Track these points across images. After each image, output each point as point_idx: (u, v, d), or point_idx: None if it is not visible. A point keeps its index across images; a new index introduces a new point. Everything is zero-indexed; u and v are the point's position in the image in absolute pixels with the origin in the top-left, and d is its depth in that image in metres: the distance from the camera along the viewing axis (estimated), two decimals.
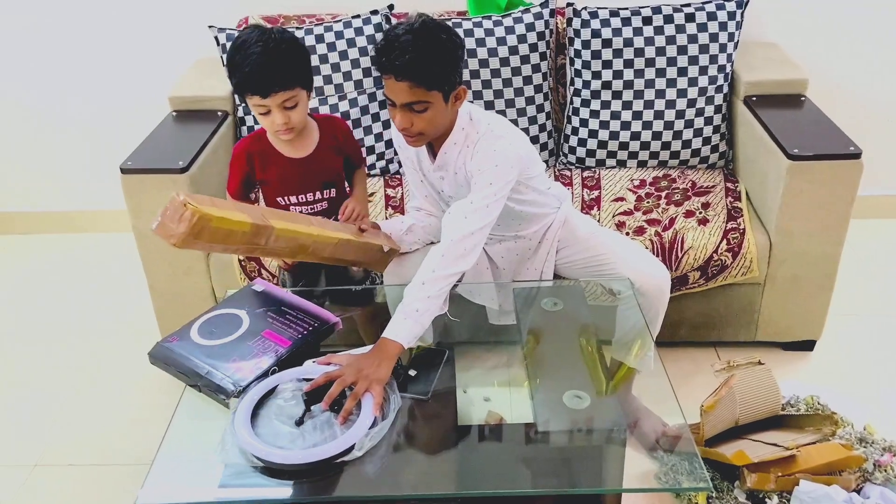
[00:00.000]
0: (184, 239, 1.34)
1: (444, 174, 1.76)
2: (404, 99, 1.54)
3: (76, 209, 3.02)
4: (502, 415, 1.73)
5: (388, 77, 1.53)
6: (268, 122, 1.63)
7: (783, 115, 2.19)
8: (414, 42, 1.50)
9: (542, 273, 1.93)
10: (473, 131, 1.68)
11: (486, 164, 1.63)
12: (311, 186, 1.77)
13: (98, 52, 2.72)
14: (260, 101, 1.58)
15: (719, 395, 1.69)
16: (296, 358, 1.52)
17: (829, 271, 2.10)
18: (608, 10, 2.29)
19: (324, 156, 1.77)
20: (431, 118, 1.58)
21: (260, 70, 1.54)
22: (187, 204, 1.32)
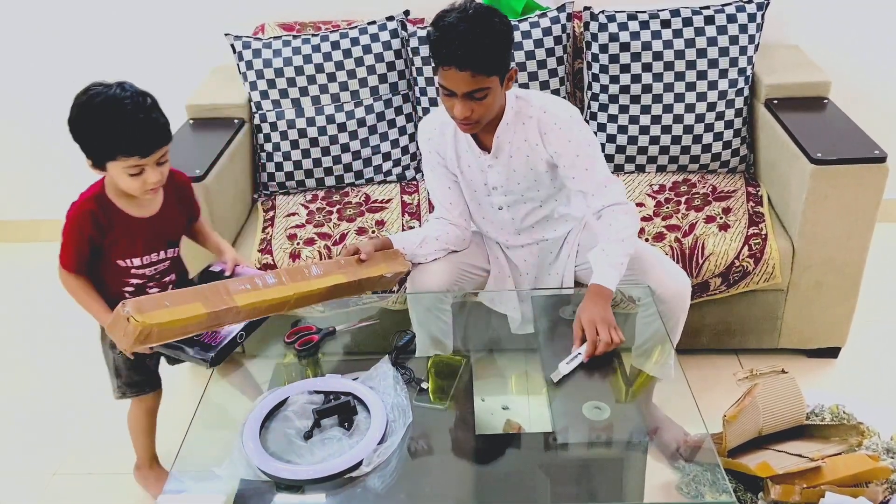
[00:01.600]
0: (131, 346, 1.37)
1: (494, 162, 1.75)
2: (466, 88, 1.54)
3: None
4: (521, 424, 1.71)
5: (448, 68, 1.53)
6: (137, 183, 1.49)
7: (806, 119, 2.16)
8: (472, 30, 1.50)
9: (563, 278, 1.91)
10: (526, 107, 1.70)
11: (571, 129, 1.69)
12: (156, 246, 1.65)
13: (115, 60, 2.74)
14: (137, 162, 1.46)
15: (742, 405, 1.66)
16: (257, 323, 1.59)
17: (854, 277, 2.06)
18: (626, 14, 2.27)
19: (170, 213, 1.66)
20: (491, 103, 1.60)
21: (144, 129, 1.45)
22: (130, 318, 1.32)
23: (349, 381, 1.48)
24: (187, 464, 1.43)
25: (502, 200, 1.84)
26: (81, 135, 1.48)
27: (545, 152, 1.73)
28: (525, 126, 1.71)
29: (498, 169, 1.76)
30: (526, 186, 1.80)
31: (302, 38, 2.33)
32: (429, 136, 1.81)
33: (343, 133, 2.33)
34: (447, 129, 1.78)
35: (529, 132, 1.72)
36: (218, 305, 1.42)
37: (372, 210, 2.27)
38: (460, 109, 1.58)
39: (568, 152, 1.70)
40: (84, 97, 1.47)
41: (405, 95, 2.38)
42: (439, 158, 1.82)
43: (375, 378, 1.49)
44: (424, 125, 1.83)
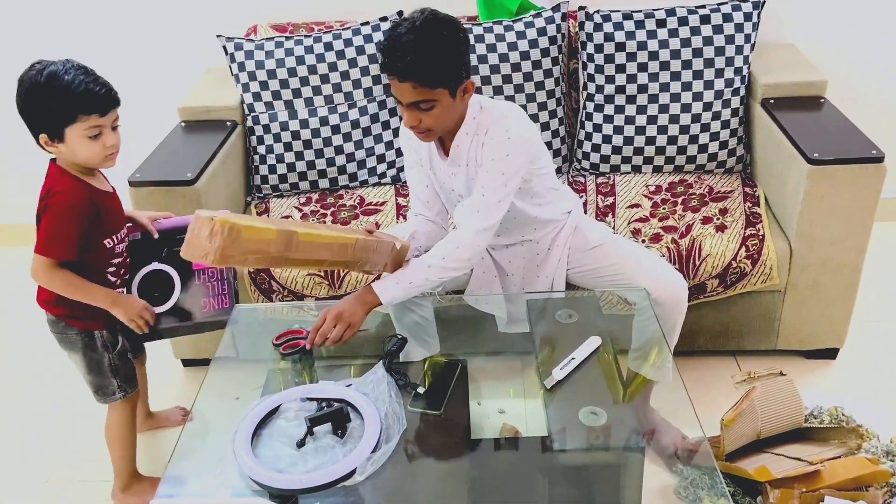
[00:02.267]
0: (220, 254, 1.30)
1: (456, 170, 1.73)
2: (409, 98, 1.54)
3: None
4: (517, 427, 1.70)
5: (392, 78, 1.53)
6: (97, 148, 1.53)
7: (802, 118, 2.14)
8: (416, 42, 1.49)
9: (553, 282, 1.89)
10: (486, 119, 1.67)
11: (498, 152, 1.63)
12: (122, 221, 1.71)
13: (106, 61, 2.69)
14: (96, 121, 1.51)
15: (740, 408, 1.65)
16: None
17: (852, 278, 2.04)
18: (621, 13, 2.25)
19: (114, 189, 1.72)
20: (439, 115, 1.58)
21: (102, 85, 1.53)
22: (213, 218, 1.30)
23: (342, 387, 1.46)
24: (179, 469, 1.41)
25: None
26: (37, 106, 1.50)
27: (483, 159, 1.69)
28: (479, 137, 1.67)
29: (459, 177, 1.74)
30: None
31: (294, 40, 2.31)
32: (408, 135, 1.79)
33: (337, 135, 2.31)
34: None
35: (475, 144, 1.68)
36: (282, 226, 1.42)
37: (367, 213, 2.26)
38: (408, 118, 1.58)
39: (483, 165, 1.65)
40: (31, 72, 1.51)
41: None
42: (417, 157, 1.81)
43: (369, 384, 1.47)
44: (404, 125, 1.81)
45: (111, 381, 1.76)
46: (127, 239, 1.74)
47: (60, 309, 1.67)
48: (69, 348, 1.74)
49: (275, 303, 2.09)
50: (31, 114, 1.51)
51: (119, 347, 1.74)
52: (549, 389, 1.55)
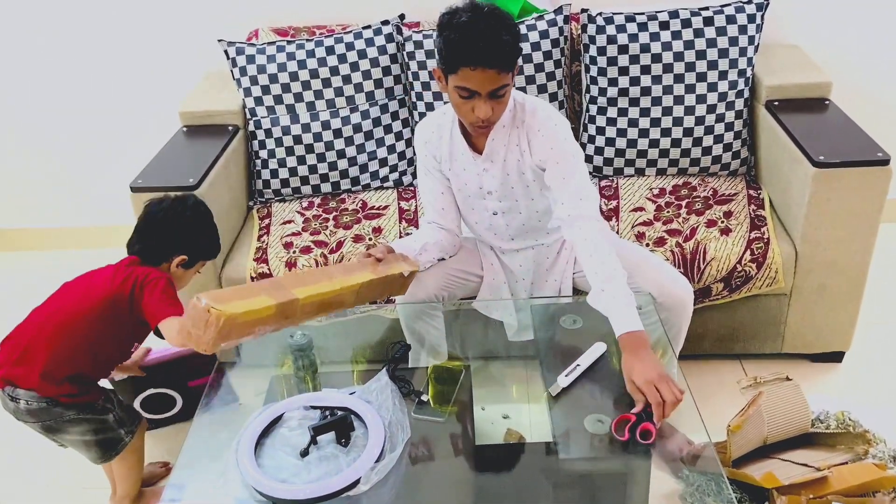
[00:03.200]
0: (213, 343, 1.30)
1: (489, 165, 1.73)
2: (491, 86, 1.51)
3: (85, 225, 3.01)
4: (522, 433, 1.69)
5: (474, 68, 1.48)
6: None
7: (807, 120, 2.13)
8: (493, 27, 1.48)
9: (560, 286, 1.88)
10: (521, 111, 1.68)
11: (556, 136, 1.66)
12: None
13: (108, 65, 2.71)
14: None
15: (746, 414, 1.63)
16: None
17: (858, 280, 2.03)
18: (623, 16, 2.24)
19: None
20: (507, 101, 1.59)
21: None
22: (210, 309, 1.28)
23: (346, 395, 1.45)
24: (182, 478, 1.40)
25: (497, 206, 1.81)
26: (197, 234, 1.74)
27: (531, 159, 1.70)
28: (518, 130, 1.69)
29: (493, 173, 1.74)
30: (521, 192, 1.77)
31: (296, 44, 2.30)
32: (426, 138, 1.78)
33: (339, 139, 2.30)
34: (444, 131, 1.76)
35: (521, 137, 1.70)
36: (282, 297, 1.39)
37: (369, 217, 2.25)
38: (484, 110, 1.54)
39: (549, 159, 1.67)
40: (189, 201, 1.75)
41: (401, 100, 2.35)
42: (434, 163, 1.79)
43: (373, 392, 1.46)
44: (421, 128, 1.80)
45: (118, 432, 1.71)
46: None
47: (67, 387, 1.60)
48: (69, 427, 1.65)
49: None
50: (193, 239, 1.71)
51: (116, 400, 1.73)
52: (555, 397, 1.54)
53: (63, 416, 1.61)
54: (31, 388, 1.56)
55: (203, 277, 2.10)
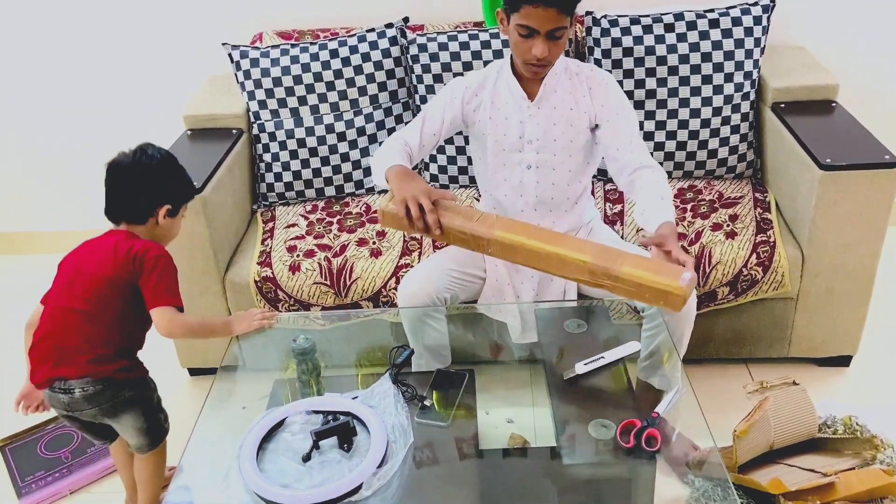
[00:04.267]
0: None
1: (535, 112, 1.77)
2: (550, 25, 1.59)
3: (87, 228, 2.99)
4: (526, 437, 1.68)
5: (535, 5, 1.56)
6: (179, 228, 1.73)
7: (813, 123, 2.11)
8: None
9: (565, 286, 1.87)
10: (574, 65, 1.77)
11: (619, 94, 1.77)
12: None
13: (111, 69, 2.71)
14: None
15: (753, 419, 1.62)
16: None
17: (866, 284, 2.01)
18: (629, 18, 2.23)
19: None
20: (563, 45, 1.66)
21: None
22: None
23: (349, 400, 1.44)
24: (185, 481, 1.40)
25: (534, 158, 1.81)
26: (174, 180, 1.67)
27: (591, 107, 1.76)
28: (572, 81, 1.76)
29: (538, 120, 1.77)
30: (562, 145, 1.79)
31: (300, 47, 2.29)
32: (468, 83, 1.81)
33: (343, 142, 2.30)
34: (488, 82, 1.81)
35: (577, 87, 1.76)
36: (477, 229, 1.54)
37: (373, 220, 2.24)
38: (541, 49, 1.61)
39: (610, 109, 1.75)
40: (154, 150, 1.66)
41: (405, 104, 2.35)
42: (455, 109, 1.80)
43: (375, 396, 1.45)
44: (465, 77, 1.84)
45: (158, 416, 1.72)
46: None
47: (121, 362, 1.60)
48: (125, 409, 1.63)
49: (281, 312, 2.08)
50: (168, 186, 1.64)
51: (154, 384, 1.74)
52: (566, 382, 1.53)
53: (120, 396, 1.60)
54: (84, 376, 1.56)
55: (206, 279, 2.10)
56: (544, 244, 1.53)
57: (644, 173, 1.72)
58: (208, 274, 2.10)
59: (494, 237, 1.55)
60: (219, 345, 2.19)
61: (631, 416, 1.42)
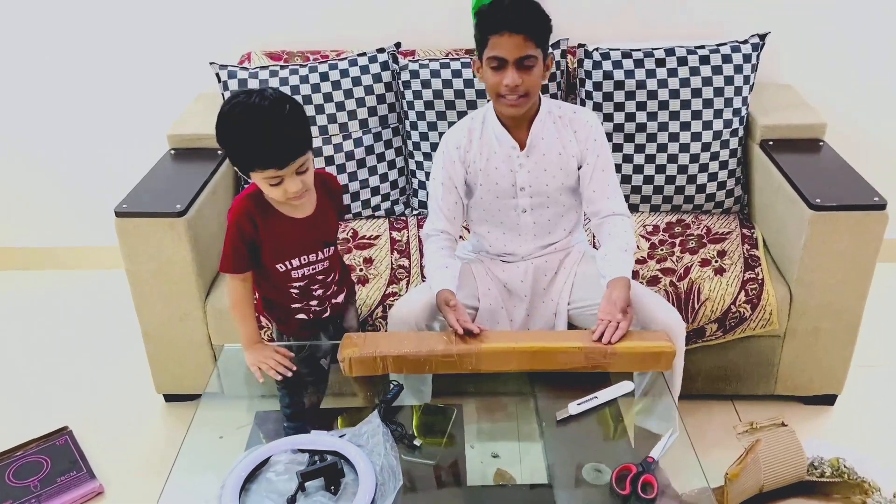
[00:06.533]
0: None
1: (525, 161, 1.77)
2: (518, 53, 1.61)
3: (67, 245, 2.93)
4: (511, 473, 1.64)
5: (501, 34, 1.60)
6: (279, 192, 1.50)
7: (802, 161, 2.12)
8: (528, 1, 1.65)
9: (557, 308, 1.85)
10: (556, 108, 1.79)
11: (600, 135, 1.78)
12: (312, 248, 1.65)
13: (94, 85, 2.65)
14: (275, 173, 1.46)
15: (744, 462, 1.60)
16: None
17: (852, 323, 2.02)
18: (620, 52, 2.23)
19: (324, 215, 1.67)
20: (536, 77, 1.66)
21: (277, 142, 1.43)
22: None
23: (336, 438, 1.39)
24: None
25: (528, 202, 1.82)
26: (224, 146, 1.50)
27: (577, 149, 1.78)
28: (556, 125, 1.77)
29: (529, 168, 1.77)
30: (554, 188, 1.80)
31: (289, 69, 2.26)
32: (457, 143, 1.80)
33: (331, 166, 2.26)
34: (474, 134, 1.80)
35: (562, 130, 1.77)
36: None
37: (360, 247, 2.20)
38: (511, 77, 1.62)
39: (591, 151, 1.77)
40: (226, 108, 1.47)
41: (395, 129, 2.32)
42: (459, 171, 1.80)
43: (364, 435, 1.41)
44: (452, 135, 1.82)
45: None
46: (321, 264, 1.67)
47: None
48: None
49: None
50: (222, 148, 1.52)
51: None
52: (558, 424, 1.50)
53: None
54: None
55: (187, 304, 2.05)
56: (534, 343, 1.60)
57: (614, 220, 1.78)
58: (189, 299, 2.04)
59: (482, 350, 1.57)
60: (196, 370, 2.15)
61: (626, 460, 1.39)
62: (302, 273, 1.65)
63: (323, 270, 1.68)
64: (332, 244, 1.69)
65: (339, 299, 1.77)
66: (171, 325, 2.08)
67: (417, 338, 1.58)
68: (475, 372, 1.60)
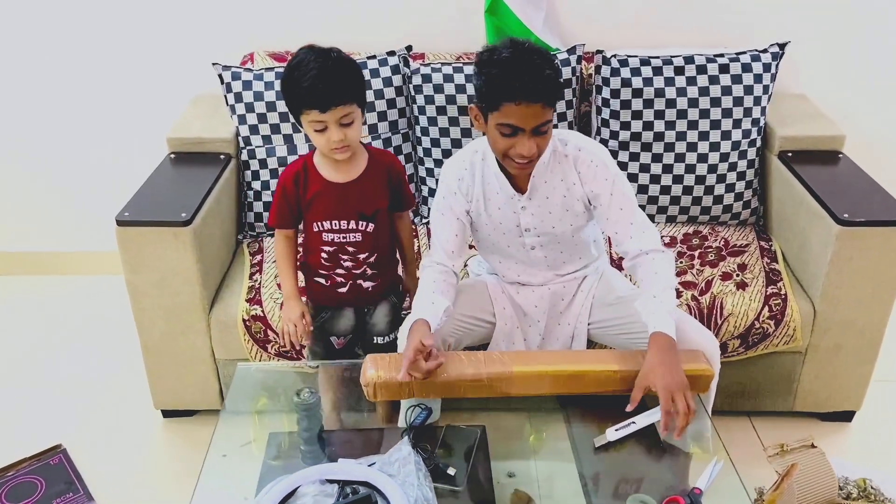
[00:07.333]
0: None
1: (528, 203, 1.67)
2: (535, 122, 1.48)
3: (66, 250, 2.80)
4: (530, 494, 1.59)
5: (518, 103, 1.45)
6: (323, 140, 1.59)
7: (823, 174, 2.09)
8: (538, 62, 1.46)
9: (574, 331, 1.79)
10: (561, 146, 1.65)
11: (607, 171, 1.63)
12: (345, 214, 1.70)
13: (90, 87, 2.54)
14: (318, 117, 1.55)
15: (781, 487, 1.55)
16: None
17: (875, 340, 1.98)
18: (639, 59, 2.18)
19: (366, 186, 1.70)
20: (549, 137, 1.56)
21: (319, 84, 1.53)
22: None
23: (366, 468, 1.32)
24: None
25: (536, 241, 1.74)
26: (282, 88, 1.62)
27: (581, 191, 1.65)
28: (561, 165, 1.65)
29: (532, 210, 1.68)
30: (562, 230, 1.71)
31: None
32: (459, 176, 1.69)
33: None
34: (476, 170, 1.69)
35: (567, 171, 1.65)
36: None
37: None
38: (528, 147, 1.50)
39: (604, 191, 1.64)
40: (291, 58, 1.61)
41: (405, 134, 2.24)
42: (461, 203, 1.70)
43: (394, 464, 1.33)
44: (454, 166, 1.71)
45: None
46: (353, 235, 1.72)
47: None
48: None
49: (271, 360, 1.95)
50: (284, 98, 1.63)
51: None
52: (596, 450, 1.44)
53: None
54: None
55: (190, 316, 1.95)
56: (568, 366, 1.53)
57: (644, 260, 1.63)
58: (192, 311, 1.95)
59: (514, 373, 1.50)
60: (196, 386, 2.05)
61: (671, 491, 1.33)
62: (332, 238, 1.71)
63: (355, 243, 1.72)
64: (369, 219, 1.71)
65: (366, 284, 1.77)
66: (172, 338, 1.99)
67: (445, 359, 1.50)
68: (505, 395, 1.53)
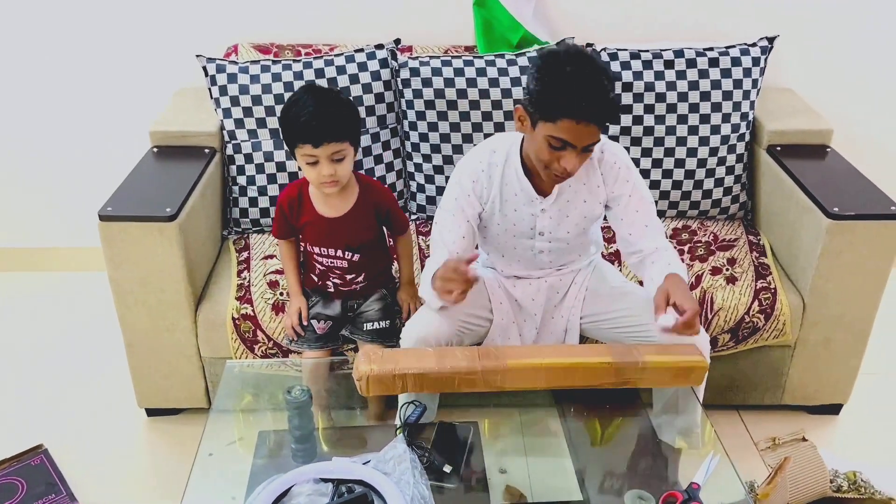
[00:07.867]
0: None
1: (548, 206, 1.68)
2: (588, 141, 1.49)
3: (47, 245, 2.74)
4: (521, 490, 1.58)
5: (578, 122, 1.45)
6: (314, 174, 1.67)
7: (812, 168, 2.09)
8: (609, 86, 1.47)
9: (567, 324, 1.79)
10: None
11: (632, 173, 1.67)
12: (333, 244, 1.80)
13: (69, 80, 2.48)
14: (310, 151, 1.63)
15: (774, 482, 1.56)
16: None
17: (863, 334, 1.99)
18: (628, 52, 2.17)
19: (354, 221, 1.78)
20: (591, 153, 1.57)
21: (314, 121, 1.61)
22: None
23: (360, 466, 1.30)
24: None
25: (546, 245, 1.74)
26: (280, 127, 1.72)
27: (603, 194, 1.68)
28: (586, 168, 1.66)
29: (551, 214, 1.68)
30: (575, 234, 1.72)
31: (282, 64, 2.14)
32: (475, 177, 1.67)
33: None
34: (495, 171, 1.67)
35: (591, 175, 1.67)
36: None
37: None
38: (574, 163, 1.51)
39: (624, 192, 1.67)
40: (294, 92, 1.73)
41: (393, 129, 2.22)
42: (473, 204, 1.68)
43: (389, 462, 1.31)
44: (471, 164, 1.69)
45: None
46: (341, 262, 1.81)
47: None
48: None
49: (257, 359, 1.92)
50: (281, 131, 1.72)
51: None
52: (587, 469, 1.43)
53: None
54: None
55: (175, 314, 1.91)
56: (562, 359, 1.52)
57: (656, 256, 1.68)
58: (177, 309, 1.91)
59: (508, 367, 1.48)
60: (181, 384, 2.02)
61: (668, 487, 1.32)
62: (322, 260, 1.82)
63: (341, 268, 1.82)
64: (355, 250, 1.79)
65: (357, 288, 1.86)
66: (156, 335, 1.95)
67: (439, 354, 1.49)
68: (500, 390, 1.52)
